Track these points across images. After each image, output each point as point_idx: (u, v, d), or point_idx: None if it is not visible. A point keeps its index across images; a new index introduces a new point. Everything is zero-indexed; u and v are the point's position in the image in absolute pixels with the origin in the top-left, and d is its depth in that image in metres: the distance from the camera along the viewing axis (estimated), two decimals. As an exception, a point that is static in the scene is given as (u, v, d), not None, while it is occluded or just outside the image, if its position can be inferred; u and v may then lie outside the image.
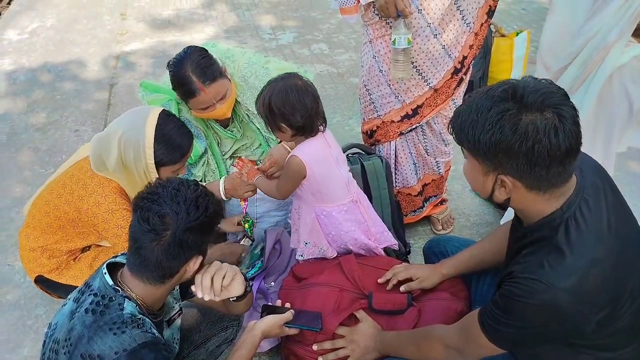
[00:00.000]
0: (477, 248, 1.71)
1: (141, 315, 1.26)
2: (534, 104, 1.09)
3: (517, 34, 3.46)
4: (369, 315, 1.68)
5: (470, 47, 2.12)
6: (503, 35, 3.53)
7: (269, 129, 1.78)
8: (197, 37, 4.68)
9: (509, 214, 2.37)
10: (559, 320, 1.15)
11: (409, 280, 1.74)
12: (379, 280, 1.76)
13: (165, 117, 1.77)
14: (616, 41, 1.80)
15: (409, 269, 1.77)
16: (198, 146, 2.08)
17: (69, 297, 1.35)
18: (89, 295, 1.27)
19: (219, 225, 2.02)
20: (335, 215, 1.83)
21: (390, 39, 1.98)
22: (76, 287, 1.87)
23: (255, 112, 2.15)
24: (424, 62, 2.09)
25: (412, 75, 2.10)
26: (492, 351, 1.29)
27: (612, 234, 1.17)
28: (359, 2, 2.04)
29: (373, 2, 1.99)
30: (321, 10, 5.09)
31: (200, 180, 2.26)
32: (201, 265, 1.34)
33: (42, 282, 1.99)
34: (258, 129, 2.22)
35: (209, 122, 2.13)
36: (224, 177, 2.05)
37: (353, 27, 4.64)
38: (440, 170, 2.41)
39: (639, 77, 1.84)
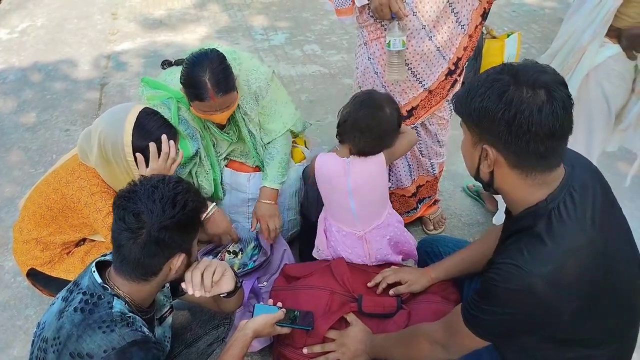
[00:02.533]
0: (467, 251, 1.71)
1: (131, 314, 1.25)
2: (527, 81, 1.10)
3: (508, 35, 3.50)
4: (359, 318, 1.68)
5: (465, 48, 2.13)
6: (494, 37, 3.56)
7: None
8: (189, 37, 4.67)
9: (500, 216, 2.39)
10: (534, 306, 1.15)
11: (399, 283, 1.75)
12: (368, 284, 1.76)
13: (147, 115, 1.76)
14: (590, 42, 1.83)
15: (397, 272, 1.78)
16: (189, 147, 2.08)
17: (57, 296, 1.34)
18: (77, 293, 1.27)
19: (209, 227, 2.05)
20: (334, 232, 1.84)
21: (384, 41, 1.98)
22: (68, 281, 1.89)
23: (252, 117, 2.17)
24: (418, 64, 2.10)
25: (407, 77, 2.10)
26: (475, 343, 1.28)
27: (595, 228, 1.17)
28: (354, 3, 2.04)
29: (368, 4, 1.99)
30: (313, 12, 5.10)
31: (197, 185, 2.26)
32: (189, 263, 1.33)
33: (34, 275, 1.98)
34: (250, 134, 2.22)
35: (206, 122, 2.13)
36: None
37: (345, 29, 4.66)
38: (435, 172, 2.41)
39: (614, 76, 1.87)
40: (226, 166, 2.31)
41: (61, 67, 4.21)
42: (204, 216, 1.97)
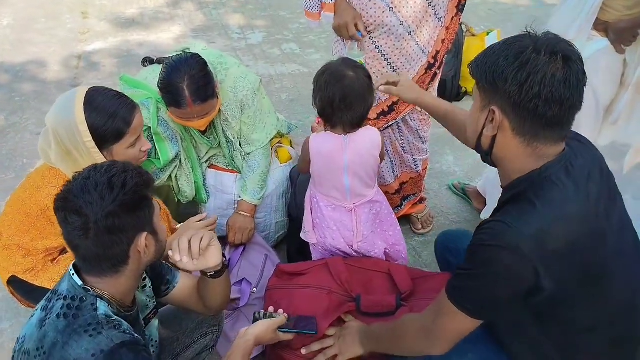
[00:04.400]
0: (450, 108, 1.71)
1: (116, 317, 1.19)
2: (547, 47, 1.10)
3: (488, 33, 3.50)
4: (358, 318, 1.65)
5: (443, 41, 2.13)
6: (474, 35, 3.57)
7: None
8: (164, 36, 4.55)
9: (488, 212, 2.38)
10: (519, 266, 1.11)
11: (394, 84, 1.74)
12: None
13: (95, 90, 1.62)
14: (576, 37, 1.82)
15: (402, 75, 1.78)
16: (169, 150, 1.99)
17: (36, 307, 1.26)
18: (57, 300, 1.19)
19: (186, 226, 1.96)
20: (322, 207, 1.81)
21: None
22: (51, 290, 1.81)
23: (233, 125, 2.10)
24: (398, 59, 2.09)
25: (387, 72, 2.09)
26: (459, 326, 1.23)
27: (589, 204, 1.16)
28: (323, 9, 2.05)
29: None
30: (290, 10, 5.04)
31: (172, 187, 2.17)
32: (158, 240, 1.25)
33: (15, 283, 1.86)
34: (228, 140, 2.15)
35: (188, 128, 2.05)
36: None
37: (323, 27, 4.58)
38: (418, 168, 2.39)
39: (603, 71, 1.87)
40: (209, 167, 2.24)
41: (30, 68, 4.04)
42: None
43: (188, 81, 1.78)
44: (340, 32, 2.03)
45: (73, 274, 1.20)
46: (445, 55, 2.20)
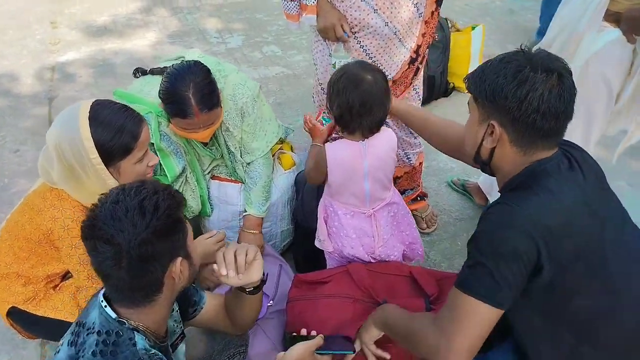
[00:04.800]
0: (435, 119, 1.75)
1: (154, 350, 1.12)
2: (542, 65, 1.19)
3: (473, 28, 3.51)
4: None
5: (423, 35, 2.13)
6: (458, 30, 3.57)
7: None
8: (139, 43, 4.41)
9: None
10: (522, 246, 1.15)
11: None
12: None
13: (100, 104, 1.54)
14: (588, 29, 1.82)
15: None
16: (175, 165, 1.91)
17: (60, 341, 1.17)
18: (88, 334, 1.11)
19: (196, 243, 1.88)
20: (340, 215, 1.76)
21: (330, 60, 2.00)
22: (56, 320, 1.69)
23: (235, 134, 2.03)
24: (382, 57, 2.08)
25: None
26: (477, 315, 1.18)
27: (585, 194, 1.23)
28: (302, 11, 2.03)
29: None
30: (267, 12, 4.96)
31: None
32: (192, 263, 1.19)
33: (14, 314, 1.74)
34: (229, 151, 2.08)
35: (190, 140, 1.97)
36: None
37: (303, 28, 4.53)
38: (412, 162, 2.38)
39: (615, 62, 1.87)
40: (212, 179, 2.16)
41: (1, 82, 3.86)
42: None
43: (193, 89, 1.70)
44: (326, 34, 2.00)
45: (105, 306, 1.11)
46: (428, 49, 2.20)
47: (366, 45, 2.05)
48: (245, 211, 2.12)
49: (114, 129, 1.50)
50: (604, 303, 1.24)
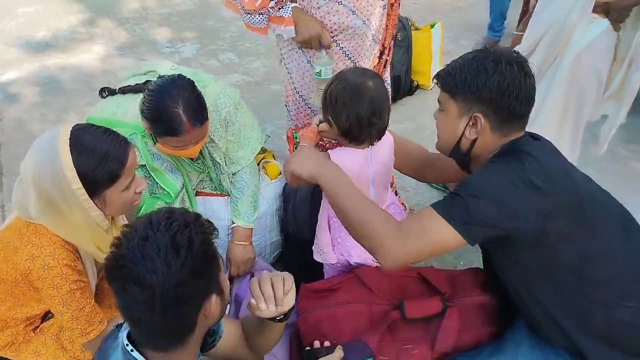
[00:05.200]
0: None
1: None
2: (509, 59, 1.35)
3: (432, 26, 3.56)
4: (403, 326, 1.57)
5: (387, 27, 2.15)
6: (417, 29, 3.61)
7: (324, 118, 1.64)
8: (85, 57, 4.19)
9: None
10: (506, 195, 1.27)
11: None
12: None
13: (80, 129, 1.42)
14: (578, 21, 1.87)
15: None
16: (174, 182, 1.81)
17: None
18: None
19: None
20: None
21: (313, 69, 1.98)
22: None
23: (219, 145, 1.95)
24: (359, 55, 2.08)
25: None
26: (440, 234, 1.28)
27: (561, 163, 1.40)
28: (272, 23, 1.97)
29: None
30: (217, 19, 4.84)
31: None
32: (224, 298, 1.11)
33: None
34: (215, 163, 1.99)
35: (177, 157, 1.86)
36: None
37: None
38: None
39: (605, 52, 1.92)
40: (196, 195, 2.06)
41: (-63, 107, 3.56)
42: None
43: (183, 105, 1.61)
44: (309, 45, 1.97)
45: (131, 350, 1.01)
46: (392, 41, 2.23)
47: (345, 47, 2.03)
48: (234, 223, 2.05)
49: (99, 156, 1.39)
50: (594, 246, 1.36)
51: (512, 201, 1.27)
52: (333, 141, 1.96)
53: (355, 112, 1.52)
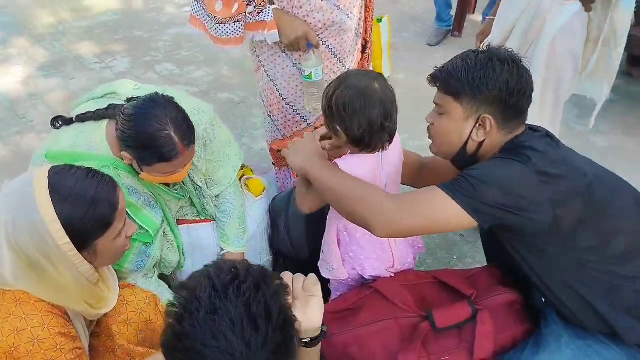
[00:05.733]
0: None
1: None
2: (507, 59, 1.35)
3: (379, 20, 3.51)
4: (434, 338, 1.48)
5: (366, 20, 2.11)
6: (364, 23, 3.55)
7: (328, 127, 1.49)
8: (5, 81, 3.78)
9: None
10: (516, 182, 1.27)
11: None
12: None
13: (58, 172, 1.22)
14: (550, 7, 1.87)
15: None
16: (154, 218, 1.60)
17: None
18: None
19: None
20: (359, 238, 1.59)
21: (303, 72, 1.87)
22: None
23: (200, 167, 1.77)
24: (344, 50, 2.01)
25: (338, 69, 2.01)
26: (442, 208, 1.29)
27: (567, 154, 1.40)
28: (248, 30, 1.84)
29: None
30: (146, 29, 4.54)
31: (158, 261, 1.75)
32: None
33: None
34: (196, 187, 1.82)
35: (153, 185, 1.66)
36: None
37: (194, 40, 4.23)
38: None
39: (579, 33, 1.93)
40: (178, 224, 1.86)
41: None
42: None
43: (173, 125, 1.44)
44: (296, 46, 1.86)
45: None
46: (371, 33, 2.19)
47: (331, 45, 1.94)
48: (223, 249, 1.88)
49: (87, 202, 1.19)
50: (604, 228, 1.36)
51: (523, 191, 1.28)
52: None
53: (367, 118, 1.41)
